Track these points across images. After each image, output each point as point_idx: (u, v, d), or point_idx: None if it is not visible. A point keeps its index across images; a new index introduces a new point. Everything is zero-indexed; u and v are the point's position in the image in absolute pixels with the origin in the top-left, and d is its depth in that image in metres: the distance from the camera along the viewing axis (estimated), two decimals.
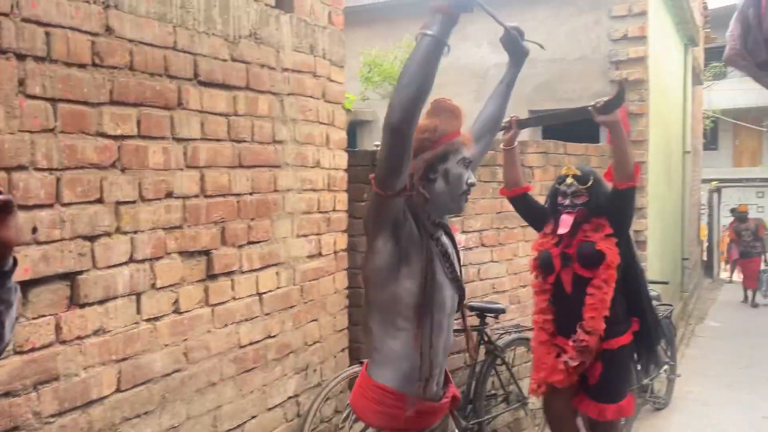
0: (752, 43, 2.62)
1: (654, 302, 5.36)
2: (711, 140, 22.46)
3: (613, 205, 3.19)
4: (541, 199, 3.64)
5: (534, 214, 3.55)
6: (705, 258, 14.87)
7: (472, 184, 1.91)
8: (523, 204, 3.57)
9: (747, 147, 25.13)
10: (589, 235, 3.21)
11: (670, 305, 5.84)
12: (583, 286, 3.18)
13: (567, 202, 3.25)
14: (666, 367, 5.57)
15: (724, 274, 15.34)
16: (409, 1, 7.02)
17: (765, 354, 7.63)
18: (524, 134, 6.57)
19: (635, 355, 3.39)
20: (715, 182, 17.57)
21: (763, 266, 11.77)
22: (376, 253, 1.78)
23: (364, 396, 1.88)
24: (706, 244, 15.38)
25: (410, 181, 1.80)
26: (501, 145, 3.56)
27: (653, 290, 5.36)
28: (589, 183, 3.24)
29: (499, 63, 6.69)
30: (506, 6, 6.61)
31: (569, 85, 6.37)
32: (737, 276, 13.56)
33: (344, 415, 3.34)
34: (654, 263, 6.73)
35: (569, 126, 6.26)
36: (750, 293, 11.68)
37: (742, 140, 24.94)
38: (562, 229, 3.20)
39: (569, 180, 3.27)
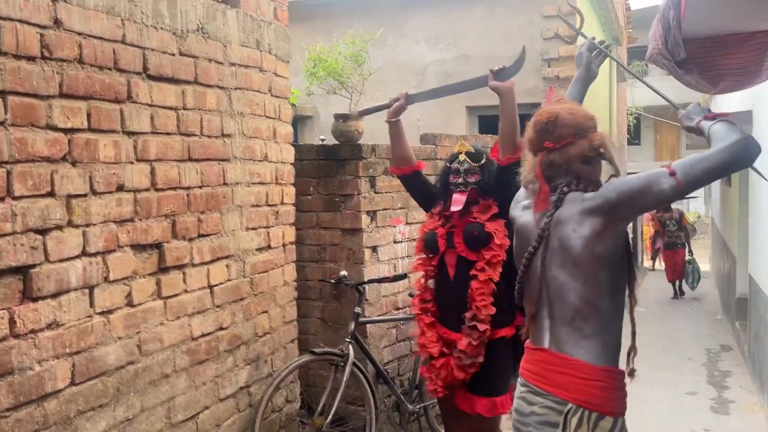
0: (672, 43, 2.84)
1: None
2: (634, 135, 23.55)
3: (500, 183, 3.00)
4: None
5: (426, 194, 3.34)
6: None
7: None
8: (414, 183, 3.37)
9: (667, 142, 26.50)
10: (477, 216, 3.06)
11: None
12: (468, 269, 3.01)
13: (459, 180, 3.10)
14: None
15: (647, 264, 16.10)
16: None
17: (684, 336, 8.16)
18: (462, 129, 6.78)
19: (515, 352, 2.91)
20: None
21: (687, 256, 11.47)
22: (613, 237, 1.94)
23: (599, 386, 1.91)
24: (630, 235, 16.06)
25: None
26: (385, 119, 3.35)
27: None
28: (482, 161, 3.11)
29: (437, 59, 6.89)
30: (444, 5, 6.81)
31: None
32: (659, 265, 14.20)
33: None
34: None
35: None
36: (676, 284, 11.55)
37: (662, 136, 26.28)
38: (455, 207, 3.03)
39: (462, 157, 3.13)
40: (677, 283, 11.46)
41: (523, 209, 2.14)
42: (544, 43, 6.45)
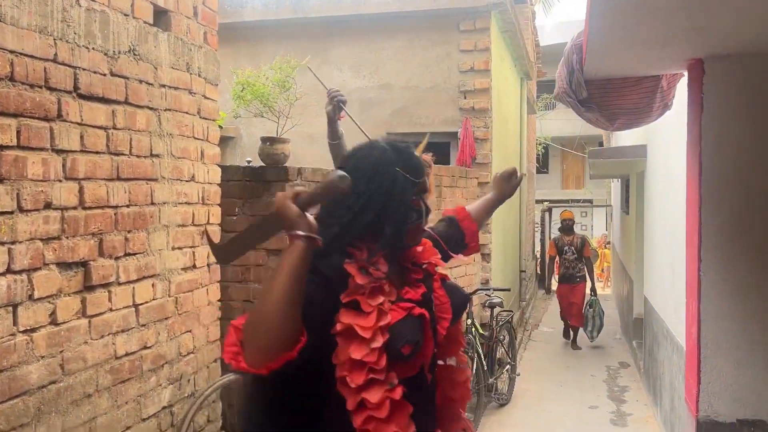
0: (575, 83, 3.16)
1: (497, 308, 5.98)
2: (543, 164, 24.80)
3: None
4: None
5: None
6: (539, 271, 15.88)
7: None
8: None
9: (573, 171, 28.04)
10: None
11: (511, 311, 6.50)
12: None
13: None
14: (508, 367, 6.19)
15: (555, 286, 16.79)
16: (271, 22, 7.23)
17: (587, 354, 8.66)
18: None
19: None
20: (547, 202, 19.36)
21: (588, 295, 8.94)
22: None
23: None
24: (539, 259, 16.76)
25: None
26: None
27: (497, 296, 5.95)
28: None
29: (360, 87, 7.10)
30: (366, 35, 7.05)
31: (423, 111, 6.89)
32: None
33: None
34: (497, 273, 7.42)
35: (425, 148, 6.72)
36: (572, 331, 9.07)
37: (568, 165, 27.79)
38: None
39: None
40: (573, 332, 9.07)
41: None
42: (460, 76, 6.80)
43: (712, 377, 2.94)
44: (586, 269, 9.07)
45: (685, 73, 3.23)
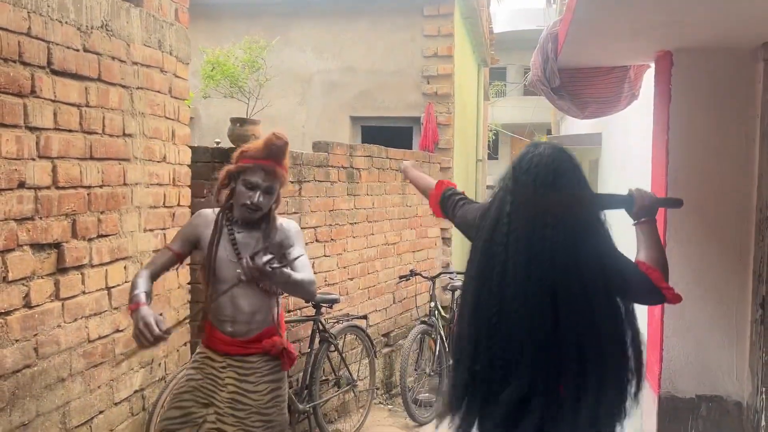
0: (549, 72, 3.23)
1: (459, 291, 6.08)
2: (493, 151, 25.15)
3: None
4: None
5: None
6: None
7: (254, 203, 2.47)
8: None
9: None
10: None
11: None
12: None
13: None
14: None
15: None
16: (231, 0, 7.08)
17: None
18: (346, 137, 6.98)
19: None
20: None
21: None
22: None
23: None
24: None
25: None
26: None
27: (459, 280, 6.06)
28: None
29: (323, 69, 7.05)
30: (329, 16, 6.99)
31: (387, 95, 6.90)
32: None
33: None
34: (457, 257, 7.54)
35: (388, 132, 6.78)
36: None
37: (517, 152, 28.26)
38: None
39: None
40: None
41: None
42: (424, 61, 6.83)
43: (673, 356, 3.09)
44: None
45: (652, 65, 3.35)
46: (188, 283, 3.73)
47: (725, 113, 2.94)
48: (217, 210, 2.60)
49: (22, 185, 2.42)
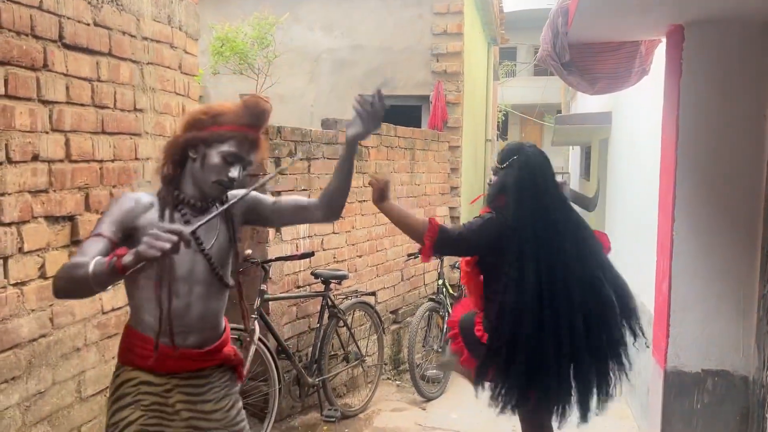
0: (559, 47, 3.22)
1: None
2: (502, 131, 25.05)
3: None
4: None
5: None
6: None
7: (232, 179, 1.94)
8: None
9: (530, 138, 28.36)
10: None
11: None
12: None
13: None
14: None
15: None
16: None
17: None
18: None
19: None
20: None
21: None
22: None
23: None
24: None
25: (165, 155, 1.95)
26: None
27: None
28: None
29: (332, 47, 7.03)
30: None
31: (396, 73, 6.87)
32: None
33: None
34: None
35: (397, 111, 6.77)
36: None
37: (527, 132, 28.13)
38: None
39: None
40: None
41: None
42: (433, 38, 6.79)
43: (680, 331, 3.11)
44: None
45: (663, 39, 3.32)
46: None
47: (737, 88, 2.92)
48: (152, 193, 1.99)
49: (35, 158, 2.45)
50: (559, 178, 2.98)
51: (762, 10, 2.73)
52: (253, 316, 3.75)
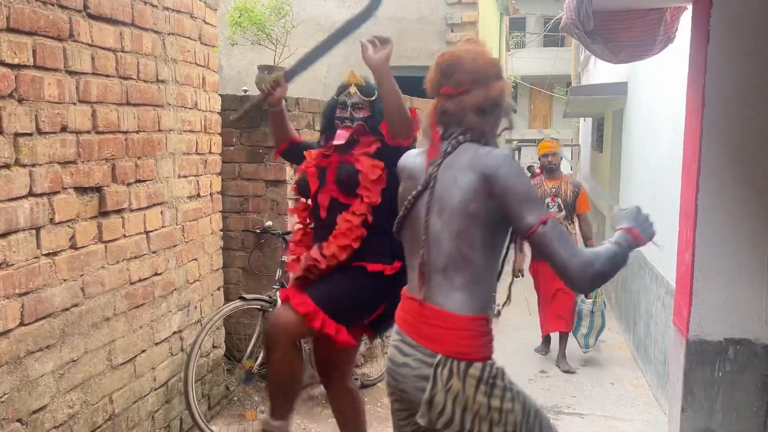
0: (584, 14, 3.17)
1: None
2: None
3: (383, 156, 2.75)
4: None
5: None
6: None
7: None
8: (293, 151, 3.12)
9: (540, 110, 28.20)
10: (357, 156, 2.78)
11: None
12: (341, 211, 2.76)
13: (346, 114, 2.84)
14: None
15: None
16: None
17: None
18: None
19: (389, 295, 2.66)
20: (516, 142, 19.51)
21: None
22: (486, 200, 1.83)
23: (465, 335, 1.83)
24: None
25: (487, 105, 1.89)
26: (268, 107, 3.08)
27: None
28: (374, 97, 2.86)
29: (344, 18, 6.95)
30: None
31: (410, 43, 6.81)
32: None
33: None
34: None
35: (410, 81, 6.69)
36: (560, 341, 5.69)
37: (536, 105, 27.91)
38: (337, 141, 2.80)
39: (352, 90, 2.88)
40: (563, 339, 5.67)
41: (415, 156, 2.04)
42: (447, 8, 6.71)
43: (703, 299, 3.12)
44: (581, 234, 5.57)
45: (689, 6, 3.27)
46: (220, 230, 3.80)
47: (765, 54, 2.88)
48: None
49: (64, 129, 2.46)
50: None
51: None
52: (275, 286, 3.78)
